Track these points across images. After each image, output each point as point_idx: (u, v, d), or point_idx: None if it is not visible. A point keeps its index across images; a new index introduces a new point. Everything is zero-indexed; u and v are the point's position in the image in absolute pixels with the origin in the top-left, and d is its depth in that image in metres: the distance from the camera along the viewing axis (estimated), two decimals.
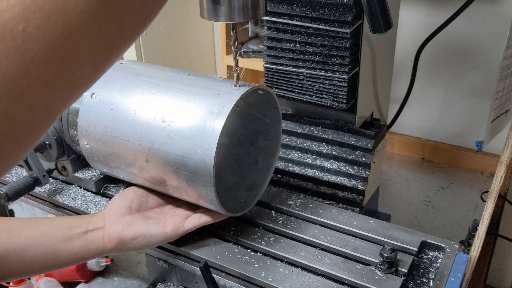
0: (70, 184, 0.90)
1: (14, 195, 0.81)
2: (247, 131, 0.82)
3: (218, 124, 0.64)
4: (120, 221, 0.69)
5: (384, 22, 0.68)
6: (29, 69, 0.24)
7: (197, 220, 0.71)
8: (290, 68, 0.88)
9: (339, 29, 0.81)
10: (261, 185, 0.79)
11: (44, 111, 0.27)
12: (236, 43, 0.68)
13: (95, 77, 0.29)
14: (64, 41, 0.25)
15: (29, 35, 0.24)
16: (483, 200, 1.16)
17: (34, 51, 0.24)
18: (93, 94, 0.75)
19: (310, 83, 0.88)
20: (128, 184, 0.84)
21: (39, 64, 0.25)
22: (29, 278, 0.94)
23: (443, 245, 0.73)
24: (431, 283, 0.68)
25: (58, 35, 0.25)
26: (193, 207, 0.74)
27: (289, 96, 0.91)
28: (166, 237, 0.69)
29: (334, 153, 0.90)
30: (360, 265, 0.69)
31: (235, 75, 0.69)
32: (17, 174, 0.93)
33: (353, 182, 0.88)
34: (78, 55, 0.26)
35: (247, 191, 0.79)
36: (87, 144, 0.77)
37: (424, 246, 0.74)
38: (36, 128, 0.27)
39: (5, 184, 0.83)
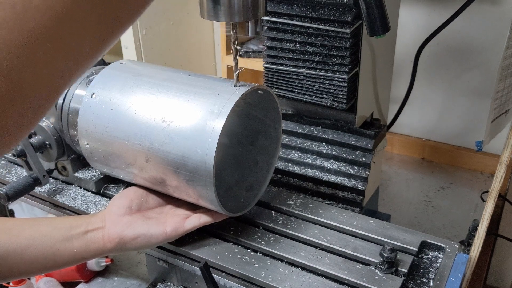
0: (70, 184, 0.90)
1: (14, 195, 0.81)
2: (247, 131, 0.82)
3: (218, 124, 0.64)
4: (120, 221, 0.69)
5: (382, 25, 0.68)
6: (30, 39, 0.23)
7: (197, 220, 0.71)
8: (290, 68, 0.88)
9: (339, 29, 0.81)
10: (261, 185, 0.79)
11: (47, 86, 0.26)
12: (236, 42, 0.68)
13: (100, 53, 0.28)
14: (67, 12, 0.24)
15: (29, 3, 0.23)
16: (483, 200, 1.16)
17: (36, 21, 0.23)
18: (93, 94, 0.75)
19: (310, 83, 0.88)
20: (128, 184, 0.84)
21: (40, 35, 0.23)
22: (29, 278, 0.94)
23: (443, 245, 0.72)
24: (431, 283, 0.68)
25: (61, 5, 0.23)
26: (193, 207, 0.74)
27: (289, 96, 0.91)
28: (166, 237, 0.69)
29: (334, 153, 0.90)
30: (360, 265, 0.69)
31: (235, 75, 0.69)
32: (17, 174, 0.93)
33: (353, 182, 0.88)
34: (82, 27, 0.25)
35: (247, 191, 0.79)
36: (87, 144, 0.77)
37: (424, 246, 0.74)
38: (38, 103, 0.26)
39: (5, 184, 0.83)
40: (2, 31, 0.23)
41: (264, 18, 0.86)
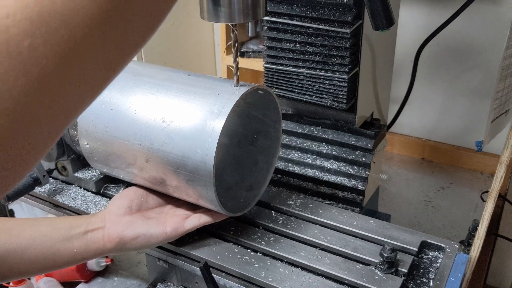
0: (70, 184, 0.90)
1: (14, 195, 0.81)
2: (247, 131, 0.82)
3: (218, 124, 0.64)
4: (120, 221, 0.69)
5: (386, 19, 0.68)
6: (35, 84, 0.24)
7: (197, 220, 0.71)
8: (290, 68, 0.88)
9: (339, 29, 0.81)
10: (261, 185, 0.79)
11: (49, 126, 0.27)
12: (236, 44, 0.68)
13: (99, 88, 0.29)
14: (69, 55, 0.25)
15: (35, 50, 0.24)
16: (483, 200, 1.16)
17: (41, 66, 0.24)
18: None
19: (310, 83, 0.88)
20: (128, 184, 0.84)
21: (45, 79, 0.24)
22: (29, 278, 0.94)
23: (443, 245, 0.72)
24: (431, 283, 0.68)
25: (64, 49, 0.24)
26: (193, 207, 0.74)
27: (289, 96, 0.91)
28: (166, 237, 0.69)
29: (334, 153, 0.90)
30: (360, 265, 0.69)
31: (235, 78, 0.69)
32: None
33: (353, 182, 0.88)
34: (83, 67, 0.26)
35: (247, 191, 0.79)
36: (87, 144, 0.77)
37: (424, 246, 0.74)
38: (40, 143, 0.27)
39: None
40: (9, 78, 0.24)
41: (264, 18, 0.86)
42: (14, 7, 0.23)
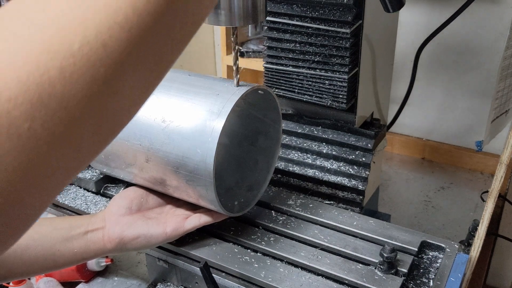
0: (70, 184, 0.90)
1: None
2: (247, 131, 0.82)
3: (218, 124, 0.64)
4: (120, 221, 0.69)
5: (397, 1, 0.67)
6: (31, 164, 0.25)
7: (197, 220, 0.71)
8: (290, 68, 0.88)
9: (339, 29, 0.81)
10: (261, 185, 0.79)
11: (42, 199, 0.28)
12: (237, 47, 0.68)
13: (89, 161, 0.31)
14: (65, 136, 0.26)
15: (34, 133, 0.24)
16: (483, 200, 1.16)
17: (38, 148, 0.25)
18: None
19: (310, 83, 0.88)
20: (128, 184, 0.84)
21: (40, 159, 0.25)
22: (29, 278, 0.94)
23: (443, 245, 0.72)
24: (431, 283, 0.68)
25: (60, 131, 0.25)
26: (193, 207, 0.74)
27: (289, 96, 0.91)
28: (167, 237, 0.69)
29: (334, 153, 0.90)
30: (360, 265, 0.69)
31: (235, 78, 0.69)
32: None
33: (353, 182, 0.88)
34: (77, 147, 0.27)
35: (247, 191, 0.79)
36: None
37: (424, 246, 0.74)
38: (34, 212, 0.28)
39: None
40: (7, 158, 0.25)
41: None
42: (16, 90, 0.24)
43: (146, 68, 0.29)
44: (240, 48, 1.46)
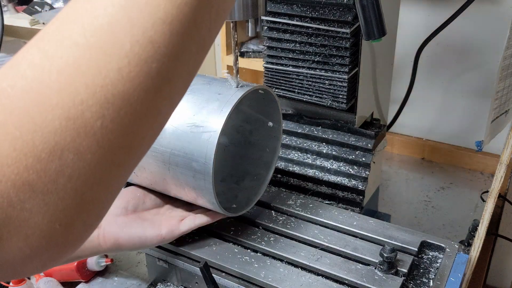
0: None
1: None
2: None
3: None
4: (115, 222, 0.69)
5: (378, 29, 0.67)
6: (106, 157, 0.29)
7: (192, 221, 0.71)
8: (290, 68, 0.88)
9: (339, 29, 0.81)
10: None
11: (116, 188, 0.32)
12: (236, 40, 0.68)
13: (149, 146, 0.34)
14: (131, 128, 0.29)
15: (105, 129, 0.28)
16: (483, 200, 1.16)
17: (110, 142, 0.28)
18: None
19: (310, 83, 0.88)
20: (127, 184, 0.84)
21: (114, 151, 0.29)
22: (29, 278, 0.94)
23: (443, 245, 0.73)
24: (431, 283, 0.68)
25: (127, 124, 0.29)
26: (192, 208, 0.74)
27: (289, 96, 0.91)
28: (162, 239, 0.69)
29: (334, 153, 0.90)
30: (360, 265, 0.69)
31: (235, 79, 0.69)
32: None
33: (353, 182, 0.88)
34: (142, 136, 0.31)
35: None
36: None
37: (424, 246, 0.74)
38: (107, 205, 0.32)
39: None
40: (87, 155, 0.28)
41: (264, 18, 0.86)
42: (85, 94, 0.27)
43: (190, 56, 0.32)
44: (240, 46, 1.46)
